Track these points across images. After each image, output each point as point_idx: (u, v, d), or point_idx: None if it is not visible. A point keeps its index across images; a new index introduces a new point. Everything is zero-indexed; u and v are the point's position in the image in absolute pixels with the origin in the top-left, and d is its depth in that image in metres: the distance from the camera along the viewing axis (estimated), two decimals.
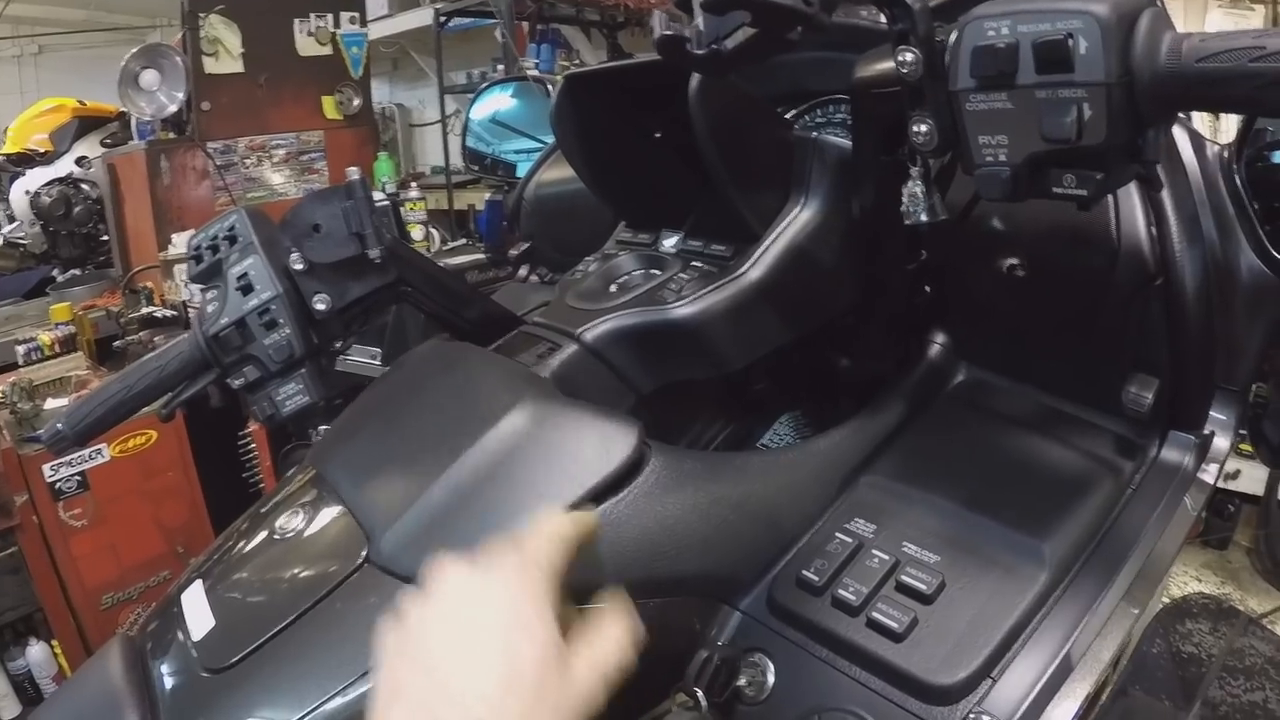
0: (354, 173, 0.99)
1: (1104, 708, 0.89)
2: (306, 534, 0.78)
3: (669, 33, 0.71)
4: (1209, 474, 0.90)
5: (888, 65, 0.72)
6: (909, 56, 0.70)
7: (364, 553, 0.72)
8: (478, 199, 4.23)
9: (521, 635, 0.57)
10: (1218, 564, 4.08)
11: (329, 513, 0.79)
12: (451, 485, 0.74)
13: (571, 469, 0.75)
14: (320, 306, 0.96)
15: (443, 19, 5.07)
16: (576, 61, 4.79)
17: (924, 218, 0.77)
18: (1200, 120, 0.88)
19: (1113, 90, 0.60)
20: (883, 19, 0.72)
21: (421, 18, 5.21)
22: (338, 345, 1.02)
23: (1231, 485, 3.83)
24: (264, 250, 0.96)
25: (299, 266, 0.95)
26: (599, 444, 0.76)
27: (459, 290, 1.08)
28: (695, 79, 0.84)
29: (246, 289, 0.95)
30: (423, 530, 0.72)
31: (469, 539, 0.69)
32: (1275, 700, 1.02)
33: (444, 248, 4.06)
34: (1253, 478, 3.58)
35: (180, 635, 0.73)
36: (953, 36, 0.68)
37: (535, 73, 3.35)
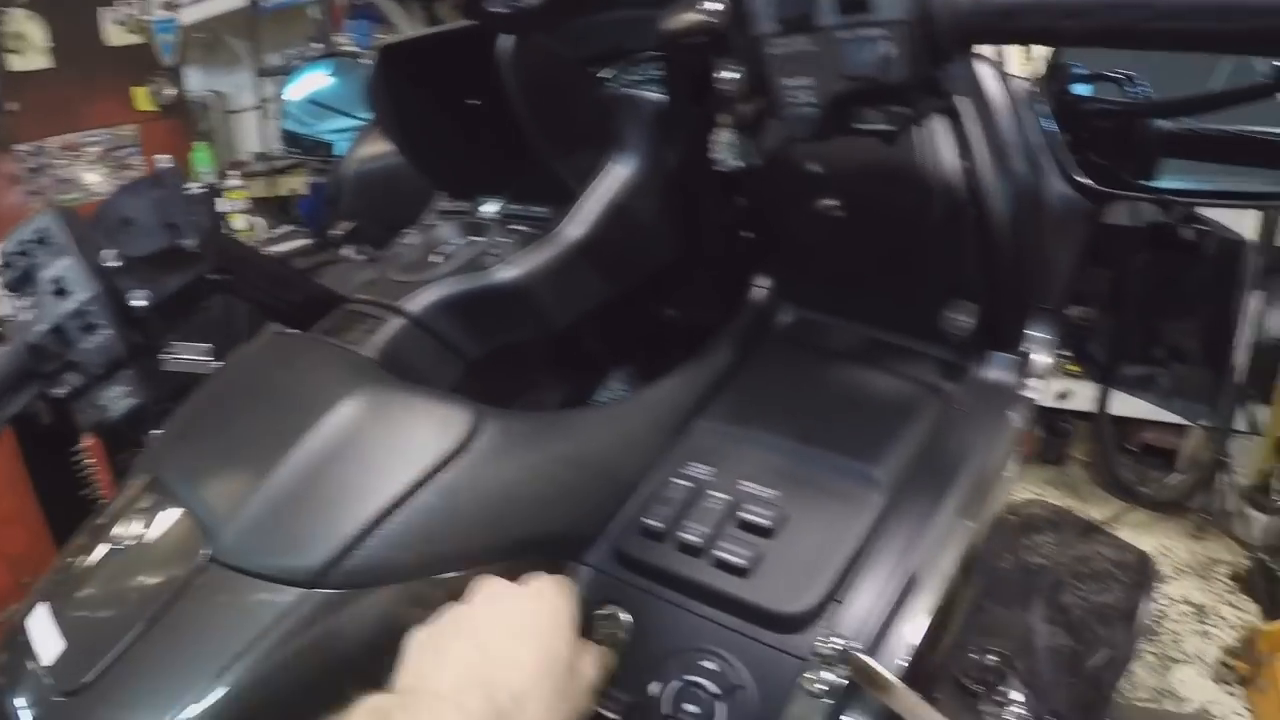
0: (165, 161, 0.95)
1: (963, 624, 0.93)
2: (147, 540, 0.76)
3: None
4: (1031, 389, 0.94)
5: (693, 15, 0.73)
6: (714, 5, 0.71)
7: (206, 551, 0.71)
8: (302, 184, 4.13)
9: (556, 634, 0.69)
10: (1058, 479, 4.27)
11: (168, 515, 0.77)
12: (287, 477, 0.73)
13: (406, 451, 0.75)
14: (139, 303, 0.92)
15: None
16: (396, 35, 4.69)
17: (740, 163, 0.78)
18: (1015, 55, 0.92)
19: (912, 27, 0.62)
20: None
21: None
22: (162, 341, 0.99)
23: (1064, 404, 4.01)
24: (76, 250, 0.92)
25: (113, 263, 0.91)
26: (432, 424, 0.77)
27: (281, 274, 1.06)
28: (506, 43, 0.84)
29: (61, 292, 0.91)
30: (262, 523, 0.71)
31: (308, 529, 0.70)
32: (1124, 598, 1.08)
33: (269, 235, 3.97)
34: (1084, 396, 3.76)
35: (30, 663, 0.71)
36: None
37: (352, 49, 3.28)
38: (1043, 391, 0.94)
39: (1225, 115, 1.00)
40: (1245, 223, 3.47)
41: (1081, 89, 1.05)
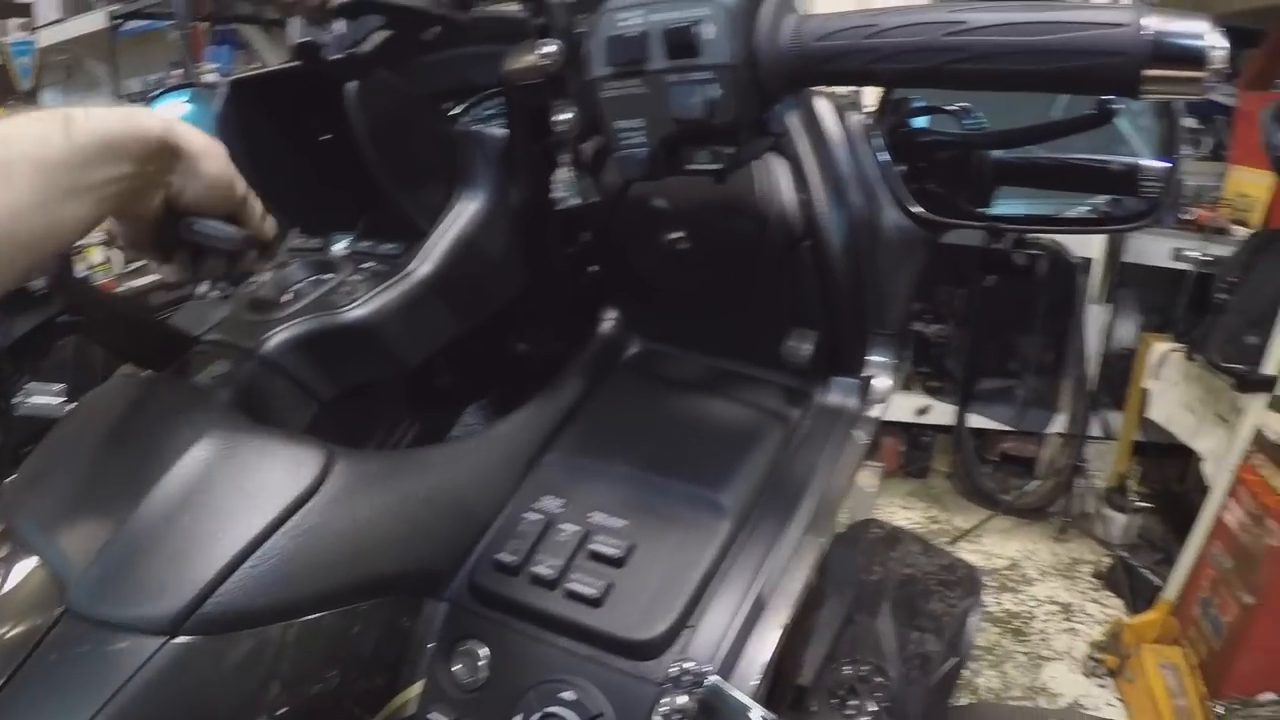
0: None
1: (834, 638, 0.96)
2: (1, 592, 0.73)
3: (305, 39, 0.71)
4: (874, 411, 0.97)
5: (531, 58, 0.75)
6: (549, 49, 0.74)
7: (62, 603, 0.68)
8: None
9: None
10: (921, 491, 4.37)
11: (22, 566, 0.74)
12: (140, 526, 0.71)
13: (261, 494, 0.74)
14: None
15: (117, 22, 4.74)
16: (258, 63, 4.61)
17: (576, 201, 0.80)
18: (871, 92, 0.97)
19: (737, 71, 0.65)
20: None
21: (95, 21, 4.86)
22: (13, 385, 0.96)
23: (924, 419, 4.12)
24: None
25: None
26: (283, 467, 0.76)
27: (131, 316, 1.03)
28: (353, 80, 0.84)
29: None
30: (117, 573, 0.69)
31: (162, 578, 0.68)
32: (959, 609, 1.12)
33: (127, 269, 3.84)
34: (942, 410, 3.87)
35: None
36: (589, 28, 0.71)
37: (215, 76, 3.20)
38: (882, 413, 0.97)
39: (1060, 145, 1.05)
40: (1093, 241, 3.63)
41: (919, 122, 1.09)
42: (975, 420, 3.97)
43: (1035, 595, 3.55)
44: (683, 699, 0.70)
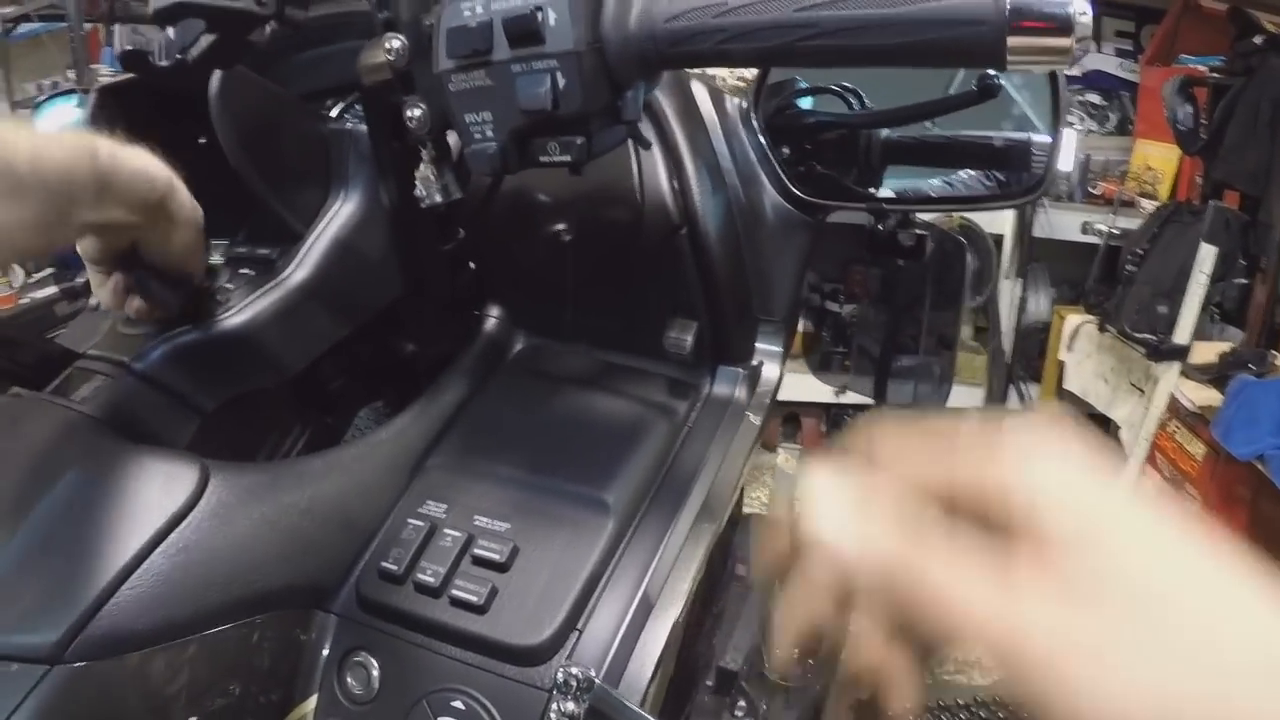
0: None
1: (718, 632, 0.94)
2: None
3: (130, 47, 0.69)
4: (763, 400, 0.96)
5: (378, 54, 0.73)
6: (395, 43, 0.72)
7: None
8: None
9: None
10: None
11: None
12: (19, 549, 0.68)
13: (137, 514, 0.71)
14: None
15: (9, 25, 4.61)
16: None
17: (438, 198, 0.78)
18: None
19: (583, 57, 0.63)
20: None
21: None
22: None
23: (844, 399, 4.16)
24: None
25: None
26: (158, 483, 0.73)
27: (7, 336, 1.00)
28: (215, 80, 0.81)
29: None
30: None
31: (43, 604, 0.66)
32: None
33: (29, 280, 3.75)
34: (862, 389, 3.91)
35: None
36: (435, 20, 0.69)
37: (109, 79, 3.12)
38: (770, 400, 0.97)
39: (952, 123, 1.05)
40: (1002, 217, 3.68)
41: (804, 103, 1.09)
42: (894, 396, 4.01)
43: None
44: (570, 705, 0.70)
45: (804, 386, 3.00)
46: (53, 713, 0.63)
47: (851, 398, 3.95)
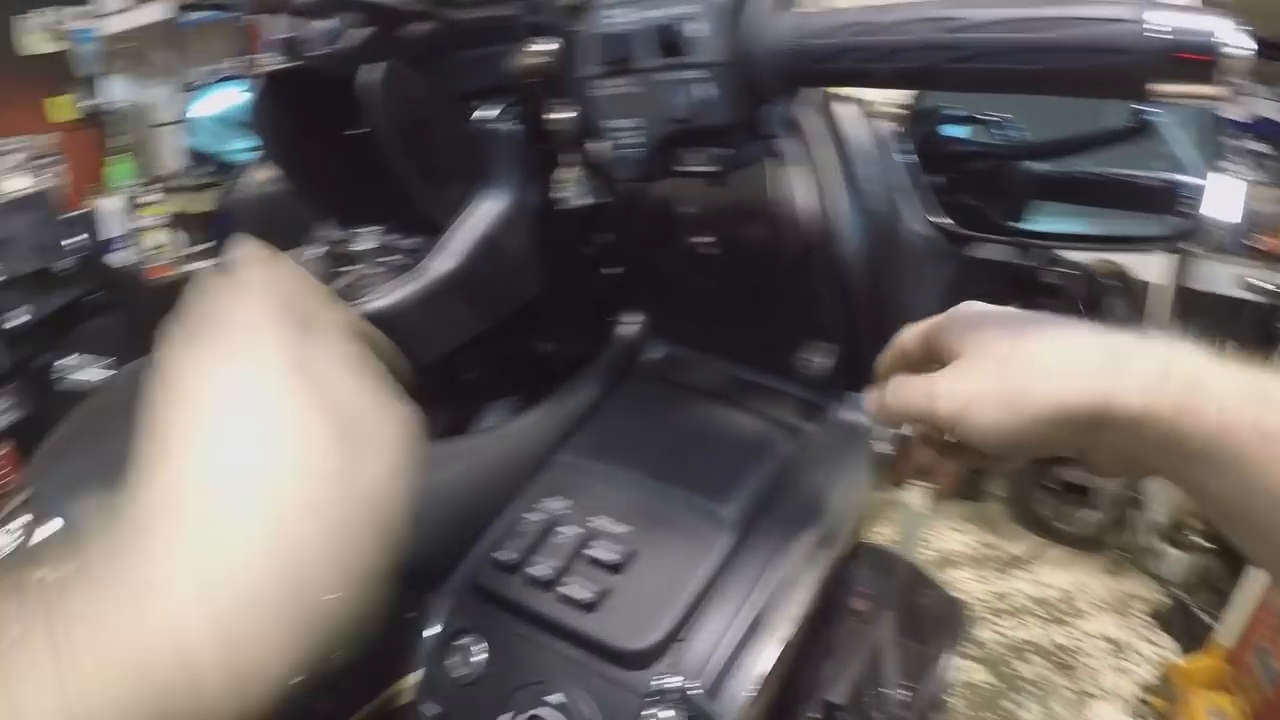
0: (42, 184, 0.95)
1: (824, 662, 0.94)
2: (25, 550, 0.76)
3: (288, 35, 0.72)
4: (887, 430, 0.95)
5: (530, 56, 0.75)
6: (547, 48, 0.75)
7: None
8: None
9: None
10: (976, 515, 4.32)
11: (46, 527, 0.77)
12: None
13: None
14: (17, 321, 0.92)
15: (180, 13, 4.84)
16: None
17: (580, 201, 0.80)
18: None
19: (726, 70, 0.64)
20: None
21: (158, 11, 4.96)
22: (45, 357, 0.99)
23: None
24: None
25: None
26: None
27: (158, 294, 1.06)
28: (374, 72, 0.83)
29: None
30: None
31: None
32: (945, 641, 1.10)
33: (183, 253, 3.92)
34: None
35: None
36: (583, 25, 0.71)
37: (273, 66, 3.25)
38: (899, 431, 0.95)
39: (1099, 160, 1.03)
40: (1154, 265, 3.56)
41: (954, 131, 1.07)
42: None
43: (1086, 630, 3.49)
44: (668, 713, 0.70)
45: None
46: None
47: None
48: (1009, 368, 0.60)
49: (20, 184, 3.98)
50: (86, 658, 0.40)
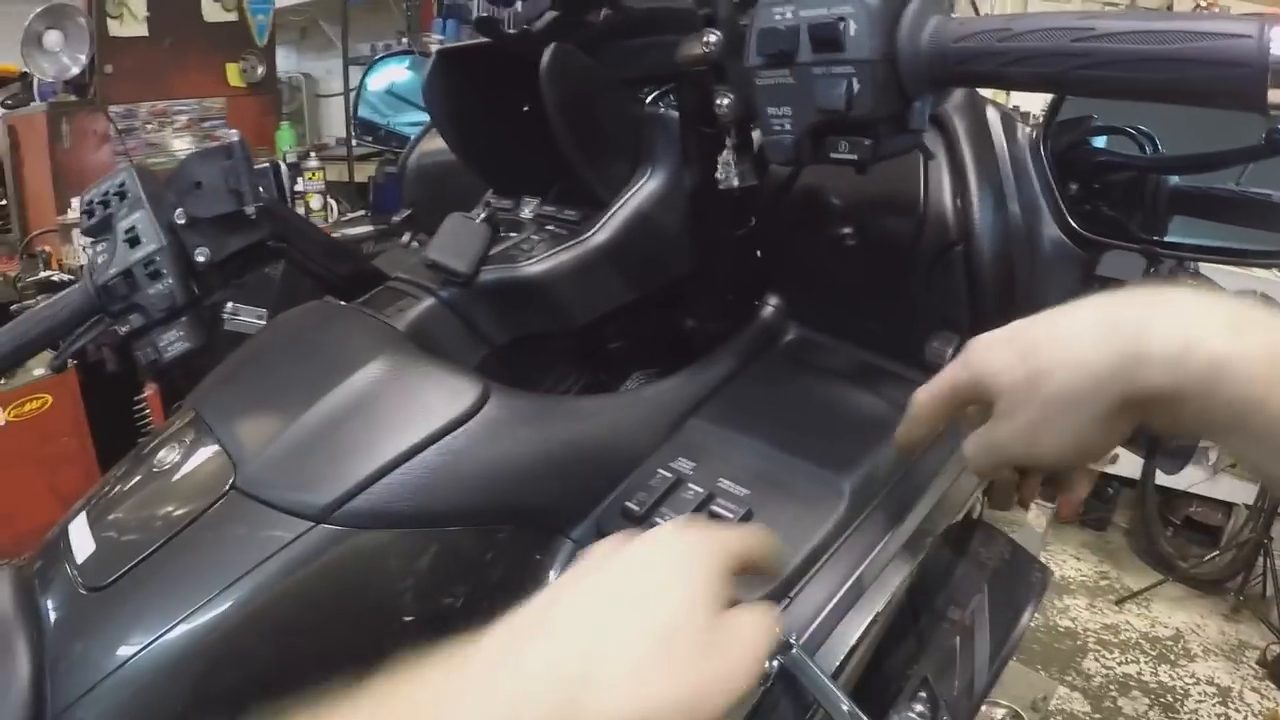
0: (233, 134, 1.04)
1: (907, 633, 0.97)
2: (181, 467, 0.84)
3: (485, 14, 0.79)
4: None
5: (698, 47, 0.81)
6: (712, 38, 0.80)
7: (231, 481, 0.78)
8: (380, 172, 4.25)
9: (675, 592, 0.55)
10: (1096, 544, 4.25)
11: (202, 447, 0.85)
12: (309, 424, 0.80)
13: (420, 413, 0.82)
14: (200, 259, 1.02)
15: None
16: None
17: (735, 183, 0.85)
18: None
19: (877, 66, 0.69)
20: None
21: None
22: (218, 295, 1.08)
23: (1110, 469, 4.00)
24: (150, 205, 1.02)
25: (181, 221, 1.02)
26: (444, 392, 0.83)
27: (330, 247, 1.14)
28: (547, 55, 0.90)
29: (134, 241, 1.02)
30: (282, 461, 0.79)
31: (321, 471, 0.77)
32: (1015, 607, 1.11)
33: (341, 218, 4.07)
34: (1131, 462, 3.74)
35: (64, 562, 0.79)
36: (749, 20, 0.76)
37: (438, 47, 3.35)
38: None
39: (1237, 177, 1.04)
40: None
41: (1097, 142, 1.09)
42: (1163, 479, 3.82)
43: (1195, 672, 3.42)
44: (768, 664, 0.74)
45: None
46: (305, 564, 0.74)
47: (1119, 468, 3.79)
48: (1038, 390, 0.63)
49: (183, 144, 4.21)
50: None
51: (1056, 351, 0.63)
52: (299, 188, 4.27)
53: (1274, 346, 0.54)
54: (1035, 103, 1.06)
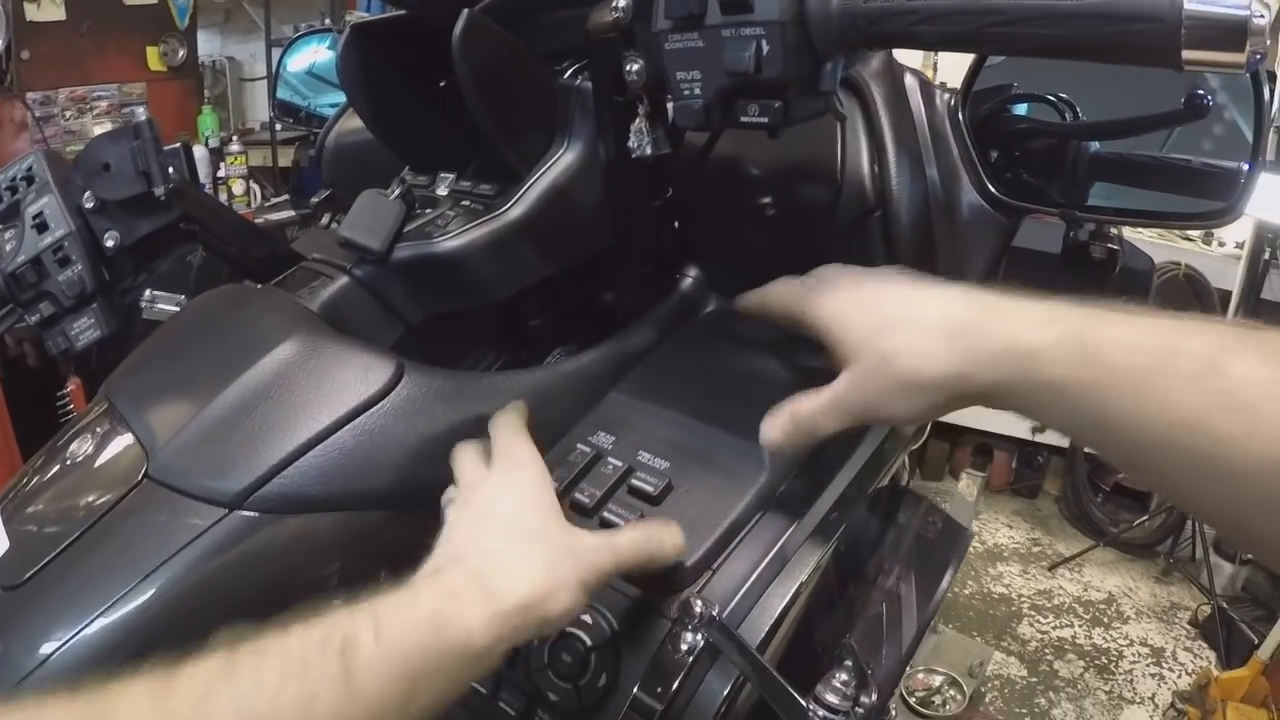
0: (140, 113, 1.01)
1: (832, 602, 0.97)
2: (94, 458, 0.82)
3: None
4: None
5: (606, 13, 0.80)
6: (621, 3, 0.79)
7: (144, 470, 0.77)
8: (304, 155, 4.21)
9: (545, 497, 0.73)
10: (1028, 511, 4.32)
11: (115, 437, 0.83)
12: (220, 408, 0.79)
13: (334, 394, 0.80)
14: (110, 243, 1.00)
15: None
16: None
17: (649, 150, 0.84)
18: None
19: (787, 28, 0.67)
20: None
21: None
22: (129, 281, 1.05)
23: (1040, 438, 4.06)
24: (58, 189, 0.99)
25: (90, 205, 0.99)
26: (357, 372, 0.82)
27: (244, 229, 1.12)
28: (459, 27, 0.88)
29: (41, 227, 0.99)
30: (194, 448, 0.77)
31: (234, 456, 0.76)
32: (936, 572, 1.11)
33: (265, 204, 4.02)
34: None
35: None
36: None
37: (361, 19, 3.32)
38: None
39: (1153, 143, 1.05)
40: (1230, 274, 3.53)
41: (1018, 110, 1.10)
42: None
43: (1128, 634, 3.49)
44: (690, 636, 0.74)
45: (1002, 418, 2.94)
46: (221, 551, 0.73)
47: (1048, 436, 3.86)
48: (887, 367, 0.70)
49: (103, 130, 4.12)
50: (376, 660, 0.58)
51: (909, 340, 0.69)
52: (221, 173, 4.22)
53: (1076, 334, 0.60)
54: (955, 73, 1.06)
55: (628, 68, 0.80)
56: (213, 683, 0.54)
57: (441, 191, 1.05)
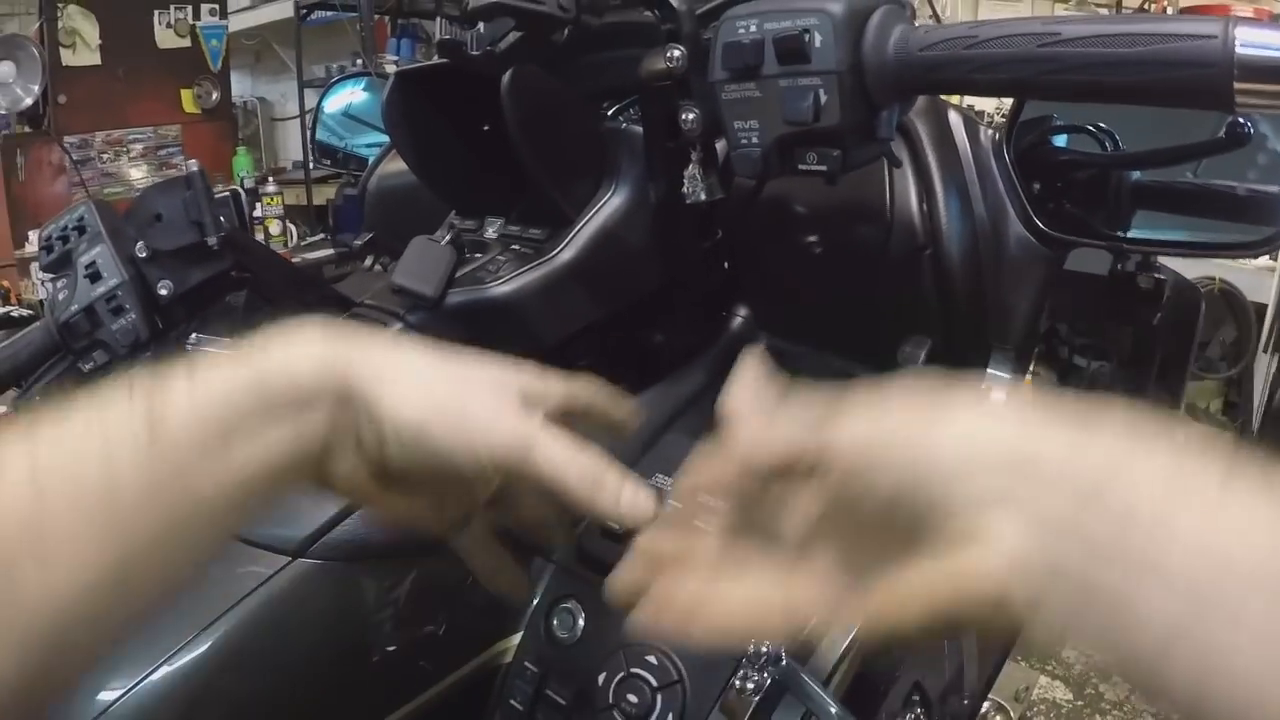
0: (193, 165, 1.03)
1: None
2: None
3: (448, 37, 0.79)
4: None
5: (661, 61, 0.81)
6: (675, 53, 0.80)
7: None
8: (339, 195, 4.24)
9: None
10: None
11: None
12: None
13: None
14: (163, 292, 1.01)
15: (304, 11, 4.97)
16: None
17: (702, 196, 0.85)
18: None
19: (844, 78, 0.69)
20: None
21: (283, 10, 5.10)
22: (182, 329, 1.06)
23: None
24: (110, 239, 1.01)
25: (143, 254, 1.00)
26: None
27: (296, 277, 1.13)
28: (507, 76, 0.89)
29: (94, 277, 1.00)
30: None
31: (298, 506, 0.77)
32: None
33: (300, 243, 4.06)
34: None
35: None
36: (712, 34, 0.76)
37: (394, 68, 3.36)
38: None
39: (1194, 169, 1.05)
40: (1266, 287, 3.50)
41: (1058, 141, 1.10)
42: None
43: None
44: (756, 675, 0.74)
45: None
46: (286, 599, 0.74)
47: None
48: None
49: (140, 173, 4.18)
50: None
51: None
52: (257, 213, 4.26)
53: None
54: (989, 102, 1.07)
55: (683, 116, 0.81)
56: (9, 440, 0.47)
57: (490, 235, 1.06)
